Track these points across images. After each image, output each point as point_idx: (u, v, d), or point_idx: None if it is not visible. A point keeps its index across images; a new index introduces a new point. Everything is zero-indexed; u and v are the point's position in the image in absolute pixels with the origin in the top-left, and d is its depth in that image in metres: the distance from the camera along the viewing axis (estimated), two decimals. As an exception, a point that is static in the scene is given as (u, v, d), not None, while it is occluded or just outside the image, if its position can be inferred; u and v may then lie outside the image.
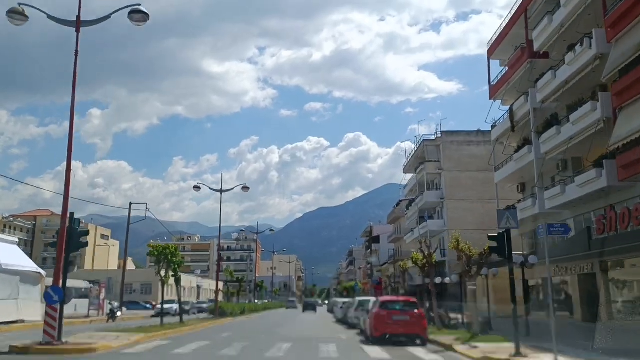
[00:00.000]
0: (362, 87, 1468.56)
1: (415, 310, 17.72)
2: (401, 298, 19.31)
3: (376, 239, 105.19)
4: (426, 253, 28.05)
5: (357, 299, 28.38)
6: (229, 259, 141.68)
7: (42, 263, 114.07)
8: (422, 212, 61.95)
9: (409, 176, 70.88)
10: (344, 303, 35.16)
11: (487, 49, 40.01)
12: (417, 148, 61.52)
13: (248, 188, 35.38)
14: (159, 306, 49.28)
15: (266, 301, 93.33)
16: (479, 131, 60.41)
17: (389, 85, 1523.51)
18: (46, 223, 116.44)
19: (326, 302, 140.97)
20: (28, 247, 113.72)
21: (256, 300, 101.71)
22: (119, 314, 38.32)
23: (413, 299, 20.98)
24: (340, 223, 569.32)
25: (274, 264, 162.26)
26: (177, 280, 27.47)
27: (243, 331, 24.80)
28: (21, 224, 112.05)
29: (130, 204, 48.72)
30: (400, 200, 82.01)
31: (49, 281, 50.94)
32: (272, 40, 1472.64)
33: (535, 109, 31.62)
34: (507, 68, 37.72)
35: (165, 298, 78.87)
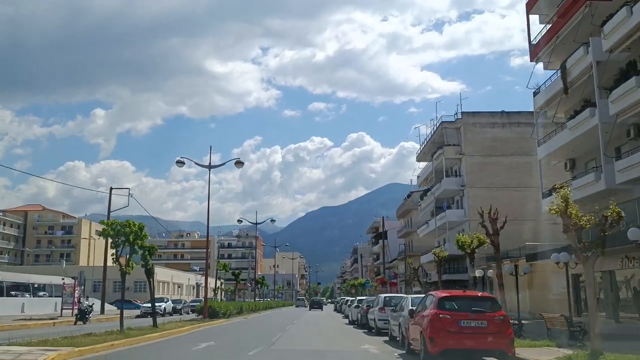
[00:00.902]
0: (366, 87, 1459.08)
1: (496, 313, 11.05)
2: (471, 293, 12.56)
3: (383, 235, 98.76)
4: (491, 230, 21.35)
5: (382, 296, 21.70)
6: (229, 256, 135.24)
7: (34, 260, 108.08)
8: (439, 202, 55.48)
9: (422, 166, 64.45)
10: (359, 301, 28.65)
11: (525, 3, 33.48)
12: (435, 131, 55.02)
13: (242, 163, 29.02)
14: (145, 305, 42.97)
15: (269, 299, 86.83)
16: (503, 112, 54.00)
17: (392, 85, 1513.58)
18: (37, 218, 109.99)
19: (329, 300, 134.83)
20: (19, 243, 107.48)
21: (258, 299, 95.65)
22: (92, 314, 31.93)
23: (489, 295, 14.64)
24: (342, 222, 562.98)
25: (276, 262, 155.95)
26: (148, 272, 21.11)
27: (231, 340, 18.43)
28: (11, 220, 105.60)
29: (111, 188, 42.47)
30: (412, 192, 75.54)
31: (39, 279, 44.36)
32: (275, 40, 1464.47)
33: (599, 62, 25.11)
34: (549, 26, 31.28)
35: (159, 295, 72.44)
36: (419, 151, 62.41)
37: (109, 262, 28.45)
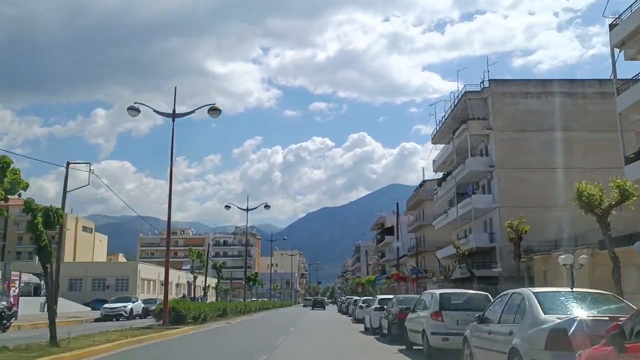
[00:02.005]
0: (367, 88, 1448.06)
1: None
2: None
3: (389, 231, 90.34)
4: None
5: (436, 293, 12.74)
6: (225, 255, 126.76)
7: (16, 257, 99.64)
8: (460, 187, 47.12)
9: (438, 149, 56.12)
10: (381, 302, 20.19)
11: None
12: (457, 104, 46.64)
13: (218, 110, 20.60)
14: (108, 306, 34.59)
15: (265, 299, 78.28)
16: (538, 80, 45.74)
17: (393, 85, 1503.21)
18: (19, 213, 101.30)
19: (330, 300, 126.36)
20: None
21: (254, 298, 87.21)
22: (15, 319, 23.53)
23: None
24: (343, 223, 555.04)
25: (272, 260, 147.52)
26: (46, 256, 12.41)
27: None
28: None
29: (68, 163, 33.99)
30: (424, 181, 67.09)
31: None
32: (276, 41, 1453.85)
33: None
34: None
35: (145, 294, 64.09)
36: (435, 131, 54.01)
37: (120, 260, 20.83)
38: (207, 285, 61.38)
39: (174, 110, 21.41)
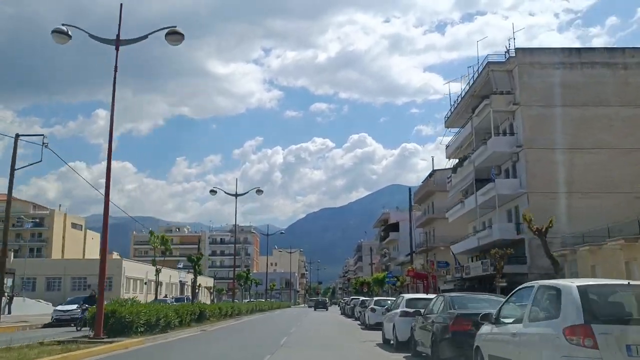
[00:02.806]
0: (368, 88, 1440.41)
1: None
2: None
3: (394, 227, 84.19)
4: None
5: (562, 284, 6.39)
6: (222, 253, 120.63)
7: None
8: (480, 172, 41.04)
9: (450, 138, 50.02)
10: (410, 304, 13.98)
11: None
12: (477, 77, 40.51)
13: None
14: (62, 308, 28.45)
15: (262, 300, 71.98)
16: (572, 49, 39.64)
17: (394, 86, 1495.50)
18: (2, 209, 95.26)
19: (332, 301, 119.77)
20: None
21: (251, 299, 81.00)
22: None
23: None
24: (343, 224, 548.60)
25: (271, 259, 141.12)
26: None
27: None
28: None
29: (17, 135, 27.88)
30: (434, 170, 60.97)
31: None
32: (277, 41, 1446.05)
33: None
34: None
35: (131, 293, 57.92)
36: (450, 112, 47.95)
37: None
38: (196, 283, 55.39)
39: (118, 35, 15.42)
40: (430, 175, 59.86)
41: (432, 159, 64.99)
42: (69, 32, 15.12)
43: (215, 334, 19.65)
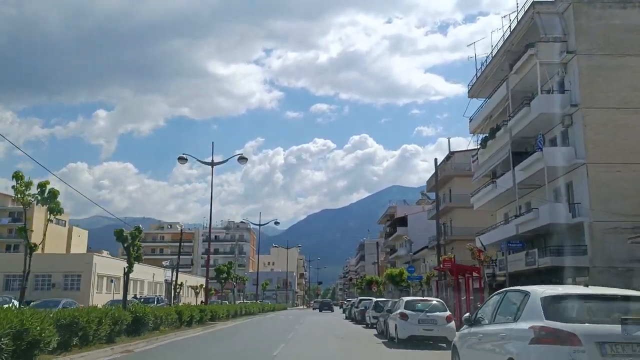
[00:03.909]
0: (369, 89, 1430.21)
1: None
2: None
3: (401, 221, 75.74)
4: None
5: None
6: (216, 252, 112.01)
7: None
8: (517, 145, 32.85)
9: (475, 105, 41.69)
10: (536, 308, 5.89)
11: None
12: (516, 26, 32.17)
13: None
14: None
15: (253, 301, 63.34)
16: (639, -16, 31.22)
17: (395, 87, 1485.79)
18: None
19: (333, 302, 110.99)
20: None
21: (244, 300, 72.50)
22: None
23: None
24: (344, 225, 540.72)
25: (268, 258, 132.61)
26: None
27: None
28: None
29: None
30: (452, 153, 52.69)
31: None
32: (278, 42, 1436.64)
33: None
34: None
35: (104, 294, 49.66)
36: (475, 78, 39.68)
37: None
38: (175, 282, 47.10)
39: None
40: (448, 158, 51.52)
41: (448, 140, 55.72)
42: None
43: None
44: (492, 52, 36.39)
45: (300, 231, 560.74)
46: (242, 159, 27.84)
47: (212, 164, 27.33)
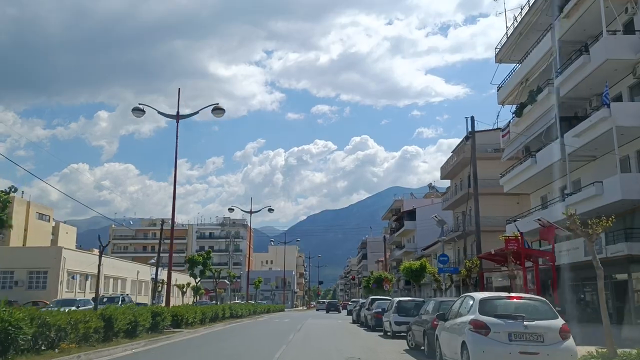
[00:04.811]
0: (369, 90, 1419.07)
1: None
2: None
3: (410, 215, 69.00)
4: None
5: None
6: (211, 249, 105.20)
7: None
8: (567, 108, 26.23)
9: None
10: None
11: None
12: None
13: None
14: None
15: (242, 302, 56.41)
16: None
17: (396, 88, 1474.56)
18: None
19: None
20: None
21: (239, 300, 65.78)
22: None
23: None
24: (344, 226, 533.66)
25: (266, 256, 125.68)
26: None
27: None
28: None
29: None
30: (473, 132, 45.78)
31: None
32: (279, 43, 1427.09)
33: None
34: None
35: (77, 292, 43.55)
36: (505, 38, 32.83)
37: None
38: (155, 280, 40.43)
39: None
40: (467, 138, 44.61)
41: (471, 119, 48.11)
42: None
43: None
44: (525, 4, 29.71)
45: (300, 232, 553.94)
46: (218, 110, 23.39)
47: (178, 117, 22.09)
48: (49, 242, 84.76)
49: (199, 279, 65.32)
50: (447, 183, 56.85)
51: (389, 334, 19.08)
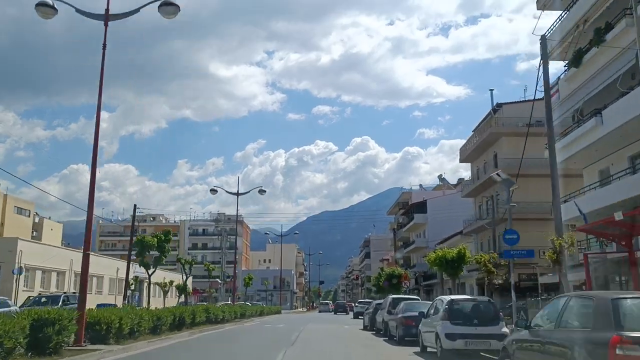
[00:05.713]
0: (371, 91, 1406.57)
1: None
2: None
3: (420, 208, 62.17)
4: None
5: None
6: (204, 247, 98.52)
7: None
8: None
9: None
10: None
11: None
12: None
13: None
14: None
15: (228, 303, 49.38)
16: None
17: (397, 89, 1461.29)
18: None
19: (335, 303, 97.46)
20: None
21: (229, 301, 59.01)
22: None
23: None
24: (344, 227, 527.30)
25: (263, 255, 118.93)
26: None
27: None
28: None
29: None
30: (500, 104, 39.03)
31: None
32: (280, 44, 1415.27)
33: None
34: None
35: (37, 290, 37.15)
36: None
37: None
38: (127, 278, 33.77)
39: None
40: (494, 110, 37.85)
41: (492, 92, 41.30)
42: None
43: None
44: None
45: (300, 233, 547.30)
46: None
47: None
48: (29, 237, 77.97)
49: (189, 277, 58.75)
50: (457, 175, 50.13)
51: (430, 350, 12.37)
